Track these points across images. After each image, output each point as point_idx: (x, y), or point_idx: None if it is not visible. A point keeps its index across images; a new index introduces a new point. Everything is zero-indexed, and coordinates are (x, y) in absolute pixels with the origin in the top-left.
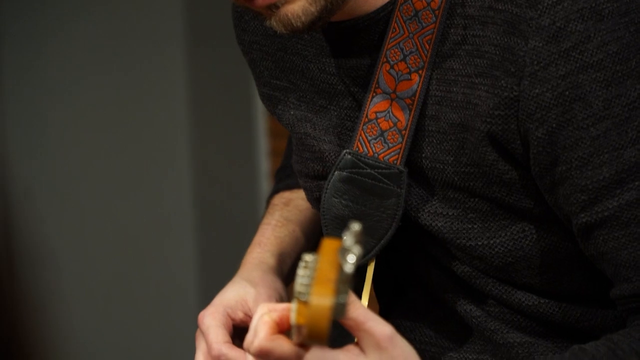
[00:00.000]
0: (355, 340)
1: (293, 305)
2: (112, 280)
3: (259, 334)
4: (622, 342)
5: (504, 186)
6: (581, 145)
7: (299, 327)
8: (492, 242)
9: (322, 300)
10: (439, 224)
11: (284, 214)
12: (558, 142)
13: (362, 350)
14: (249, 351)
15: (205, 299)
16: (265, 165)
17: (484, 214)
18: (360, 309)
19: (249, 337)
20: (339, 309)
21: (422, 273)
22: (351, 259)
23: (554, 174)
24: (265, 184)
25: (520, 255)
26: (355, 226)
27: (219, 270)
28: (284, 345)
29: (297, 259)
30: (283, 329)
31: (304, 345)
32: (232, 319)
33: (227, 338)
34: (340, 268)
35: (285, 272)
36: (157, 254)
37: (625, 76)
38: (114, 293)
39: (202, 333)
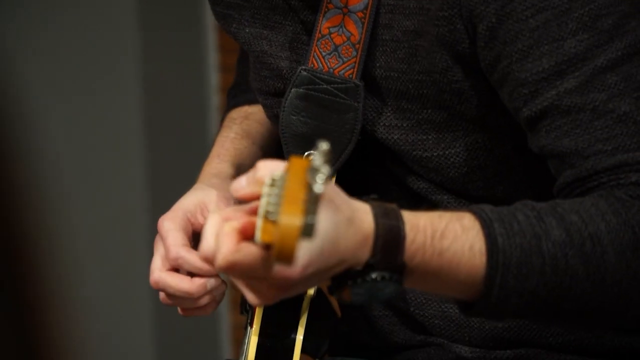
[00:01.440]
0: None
1: (258, 223)
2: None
3: (222, 247)
4: (564, 202)
5: (454, 95)
6: (521, 37)
7: (264, 244)
8: (447, 152)
9: (291, 219)
10: (395, 137)
11: (244, 126)
12: (499, 37)
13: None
14: (207, 260)
15: (155, 214)
16: (214, 80)
17: (438, 125)
18: None
19: (204, 246)
20: (308, 229)
21: (379, 190)
22: (320, 179)
23: (498, 71)
24: (215, 98)
25: (476, 165)
26: (324, 145)
27: (170, 185)
28: (252, 253)
29: None
30: (246, 237)
31: (269, 248)
32: (192, 224)
33: (186, 241)
34: (309, 188)
35: None
36: (107, 171)
37: None
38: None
39: (161, 237)
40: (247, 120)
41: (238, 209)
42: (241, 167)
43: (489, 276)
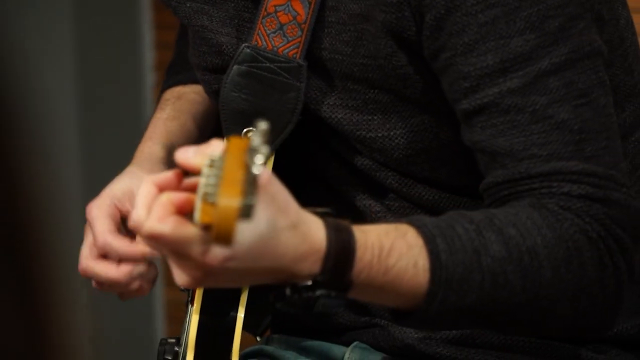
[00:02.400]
0: None
1: (197, 204)
2: None
3: (151, 216)
4: (499, 213)
5: (399, 80)
6: (467, 31)
7: (203, 225)
8: (392, 133)
9: (229, 201)
10: (339, 116)
11: (177, 106)
12: (445, 28)
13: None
14: (134, 228)
15: (89, 194)
16: (150, 57)
17: (384, 105)
18: None
19: (134, 215)
20: (246, 210)
21: (321, 167)
22: (259, 160)
23: (441, 61)
24: (151, 76)
25: (420, 148)
26: (262, 125)
27: (104, 163)
28: (182, 229)
29: None
30: (182, 213)
31: (208, 228)
32: (120, 210)
33: (113, 228)
34: (247, 168)
35: (175, 165)
36: (39, 149)
37: None
38: None
39: (89, 224)
40: (179, 101)
41: (172, 175)
42: (173, 148)
43: (431, 292)
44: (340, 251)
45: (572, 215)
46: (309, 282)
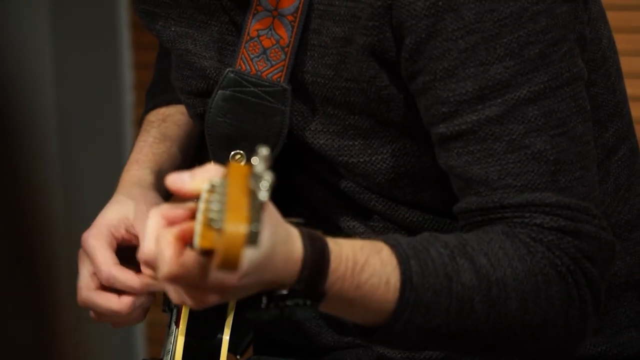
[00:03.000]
0: None
1: (197, 229)
2: None
3: (165, 258)
4: (472, 240)
5: (382, 103)
6: (448, 57)
7: (204, 250)
8: (373, 158)
9: (236, 227)
10: (321, 141)
11: (162, 130)
12: (425, 52)
13: None
14: (145, 263)
15: (70, 213)
16: (129, 78)
17: (365, 131)
18: None
19: (145, 249)
20: (253, 237)
21: (306, 190)
22: (264, 186)
23: (418, 83)
24: (130, 96)
25: (403, 172)
26: (264, 151)
27: (84, 184)
28: (192, 262)
29: None
30: (184, 243)
31: (208, 254)
32: (116, 238)
33: (115, 260)
34: (252, 195)
35: (163, 189)
36: (18, 171)
37: None
38: None
39: (88, 254)
40: (164, 123)
41: (177, 206)
42: (160, 172)
43: (398, 311)
44: (316, 261)
45: (543, 248)
46: (284, 291)
